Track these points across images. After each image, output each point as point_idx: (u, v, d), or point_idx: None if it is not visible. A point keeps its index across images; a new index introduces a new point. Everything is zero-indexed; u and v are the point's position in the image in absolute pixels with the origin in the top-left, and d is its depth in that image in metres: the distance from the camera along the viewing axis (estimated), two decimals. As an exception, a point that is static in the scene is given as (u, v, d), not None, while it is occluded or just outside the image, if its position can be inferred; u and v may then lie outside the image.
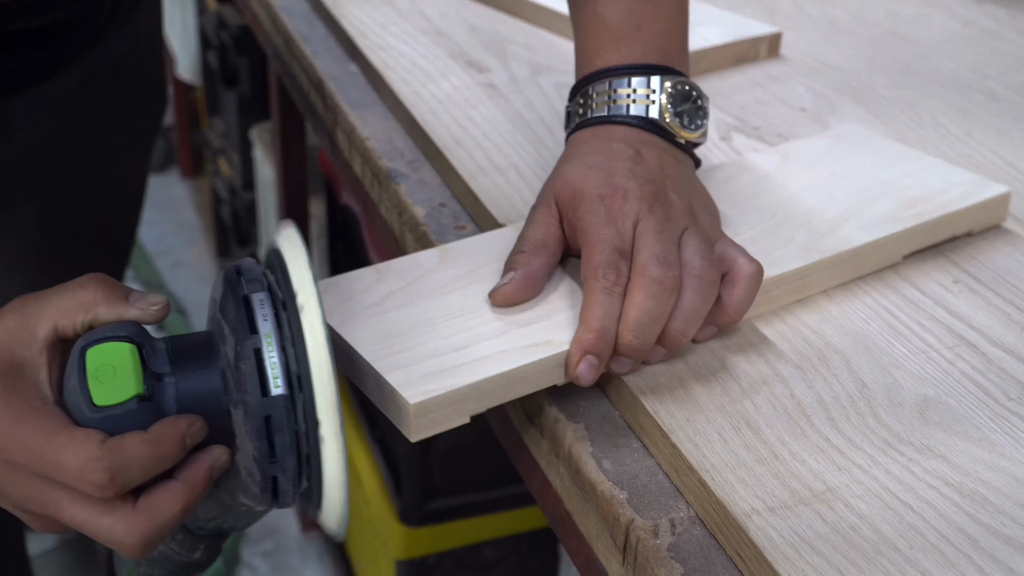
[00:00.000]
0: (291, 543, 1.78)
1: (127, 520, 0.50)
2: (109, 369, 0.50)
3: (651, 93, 0.64)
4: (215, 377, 0.51)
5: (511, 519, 1.45)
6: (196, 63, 2.43)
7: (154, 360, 0.52)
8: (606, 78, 0.65)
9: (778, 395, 0.56)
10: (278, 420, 0.49)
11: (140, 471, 0.49)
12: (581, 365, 0.55)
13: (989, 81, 0.94)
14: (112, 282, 0.54)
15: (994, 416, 0.55)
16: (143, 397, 0.50)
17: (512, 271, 0.59)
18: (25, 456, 0.50)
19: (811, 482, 0.50)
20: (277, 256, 0.53)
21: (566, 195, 0.60)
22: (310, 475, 0.51)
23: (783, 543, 0.47)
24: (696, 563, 0.49)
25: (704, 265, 0.57)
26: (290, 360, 0.49)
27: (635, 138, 0.63)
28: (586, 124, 0.65)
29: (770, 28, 0.98)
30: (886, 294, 0.65)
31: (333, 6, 1.04)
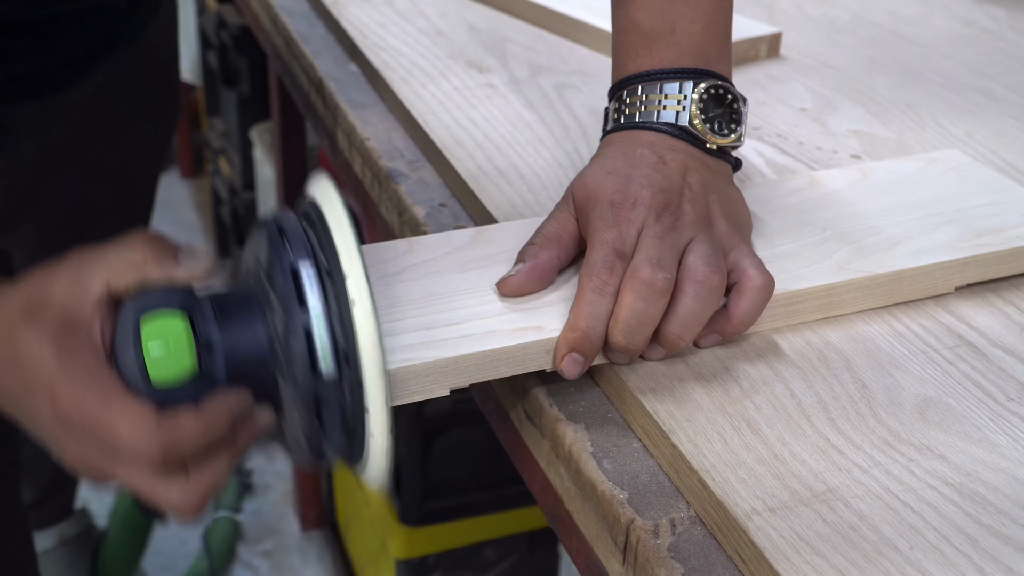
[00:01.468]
0: (291, 543, 1.78)
1: (181, 487, 0.52)
2: (164, 345, 0.52)
3: (682, 99, 0.63)
4: (263, 343, 0.53)
5: (511, 519, 1.45)
6: (196, 63, 2.42)
7: (203, 326, 0.53)
8: (637, 83, 0.65)
9: (778, 395, 0.56)
10: (326, 397, 0.51)
11: (191, 449, 0.51)
12: (565, 360, 0.56)
13: (989, 81, 0.94)
14: (161, 241, 0.56)
15: (994, 416, 0.55)
16: (196, 373, 0.52)
17: (521, 262, 0.59)
18: (81, 417, 0.51)
19: (811, 482, 0.51)
20: (319, 216, 0.53)
21: (582, 197, 0.60)
22: (355, 444, 0.52)
23: (783, 543, 0.47)
24: (696, 563, 0.49)
25: (707, 271, 0.56)
26: (338, 339, 0.51)
27: (662, 144, 0.63)
28: (618, 128, 0.65)
29: (770, 28, 0.98)
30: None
31: (333, 6, 1.04)
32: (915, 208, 0.68)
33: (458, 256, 0.62)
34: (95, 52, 0.87)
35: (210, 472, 0.53)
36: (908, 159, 0.74)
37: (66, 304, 0.53)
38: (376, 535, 1.49)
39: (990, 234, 0.65)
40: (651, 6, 0.66)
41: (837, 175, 0.72)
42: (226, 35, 2.04)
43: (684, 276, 0.56)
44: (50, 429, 0.53)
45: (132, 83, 0.93)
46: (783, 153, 0.81)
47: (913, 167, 0.73)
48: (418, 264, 0.61)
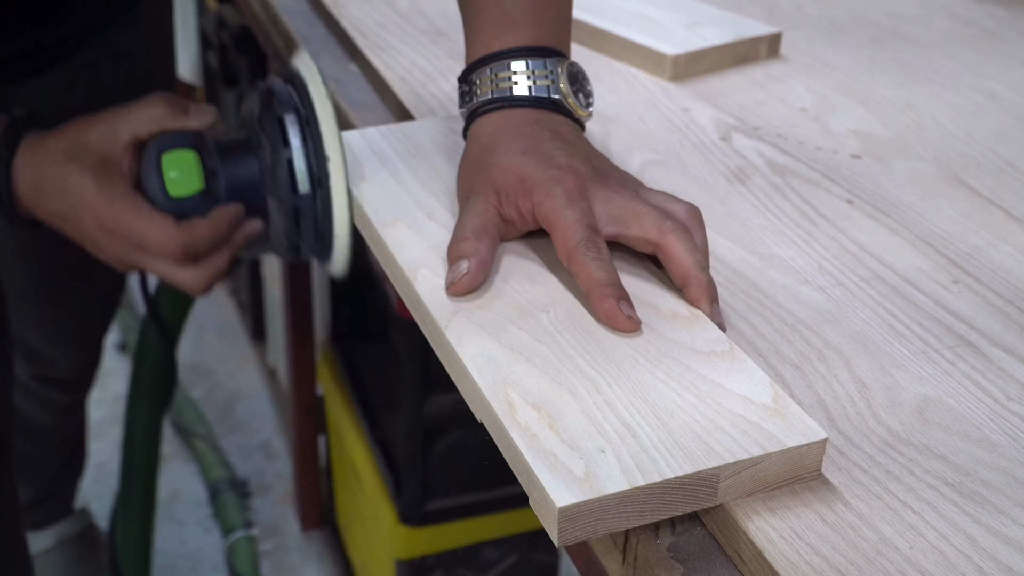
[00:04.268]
0: (291, 543, 1.78)
1: (195, 272, 0.71)
2: (179, 170, 0.70)
3: (549, 74, 0.67)
4: (254, 172, 0.71)
5: (511, 519, 1.45)
6: (196, 63, 2.42)
7: (209, 159, 0.71)
8: (506, 59, 0.67)
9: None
10: (304, 209, 0.69)
11: (203, 246, 0.70)
12: (624, 309, 0.56)
13: (989, 81, 0.94)
14: (176, 100, 0.72)
15: (994, 416, 0.55)
16: (204, 191, 0.70)
17: (464, 260, 0.60)
18: (118, 227, 0.69)
19: (811, 482, 0.50)
20: (300, 81, 0.70)
21: (510, 182, 0.62)
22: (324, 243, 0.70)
23: (783, 543, 0.47)
24: (696, 563, 0.49)
25: (684, 204, 0.62)
26: (313, 168, 0.68)
27: (544, 119, 0.66)
28: (488, 107, 0.67)
29: (770, 28, 0.98)
30: (886, 294, 0.65)
31: (333, 6, 1.04)
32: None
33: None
34: (89, 28, 0.87)
35: (215, 262, 0.71)
36: None
37: (101, 147, 0.70)
38: (376, 535, 1.49)
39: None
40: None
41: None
42: (226, 35, 2.04)
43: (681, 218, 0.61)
44: (92, 236, 0.71)
45: (126, 59, 0.93)
46: (783, 153, 0.81)
47: None
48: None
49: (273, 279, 1.85)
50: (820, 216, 0.73)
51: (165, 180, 0.70)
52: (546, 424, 0.50)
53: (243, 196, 0.71)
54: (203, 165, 0.71)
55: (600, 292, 0.57)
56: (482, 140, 0.66)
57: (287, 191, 0.68)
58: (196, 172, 0.70)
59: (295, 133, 0.68)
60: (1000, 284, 0.66)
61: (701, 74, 0.94)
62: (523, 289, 0.60)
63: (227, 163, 0.71)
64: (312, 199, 0.68)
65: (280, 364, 1.88)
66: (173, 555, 1.73)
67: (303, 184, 0.68)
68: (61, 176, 0.70)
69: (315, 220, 0.69)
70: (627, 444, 0.49)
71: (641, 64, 0.94)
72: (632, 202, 0.61)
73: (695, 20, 0.99)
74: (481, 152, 0.65)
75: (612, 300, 0.57)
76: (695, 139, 0.82)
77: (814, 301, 0.64)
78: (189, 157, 0.70)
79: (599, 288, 0.57)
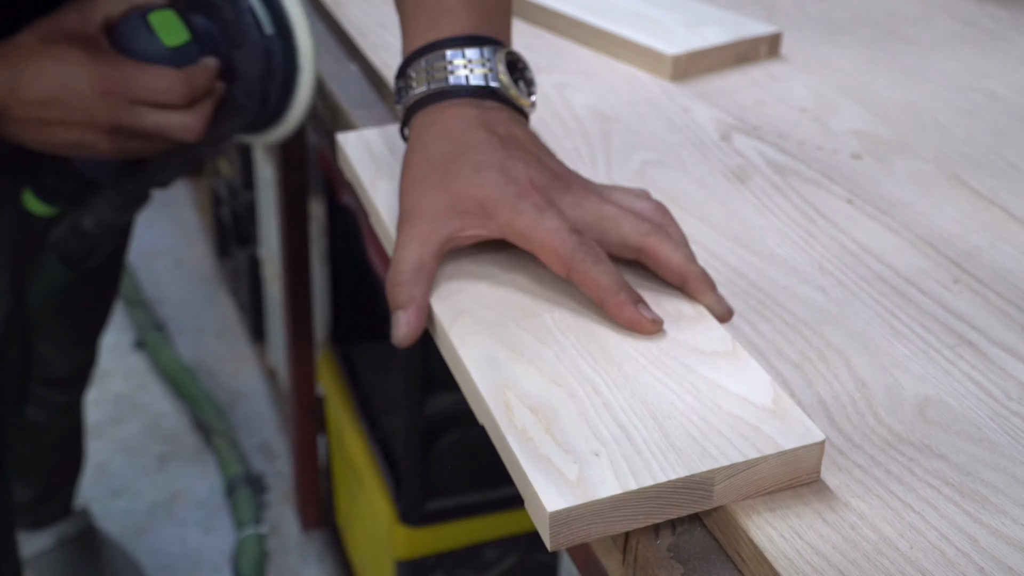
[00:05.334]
0: (291, 543, 1.78)
1: (194, 115, 0.78)
2: (167, 25, 0.79)
3: (486, 63, 0.64)
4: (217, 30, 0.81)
5: (511, 519, 1.45)
6: (196, 63, 2.42)
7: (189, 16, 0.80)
8: (441, 49, 0.64)
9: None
10: (273, 48, 0.78)
11: (203, 88, 0.78)
12: (645, 312, 0.56)
13: (989, 81, 0.94)
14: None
15: (994, 416, 0.55)
16: (192, 40, 0.80)
17: (400, 311, 0.58)
18: (122, 86, 0.75)
19: (811, 482, 0.50)
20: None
21: (468, 207, 0.59)
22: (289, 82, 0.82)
23: (783, 543, 0.47)
24: (696, 563, 0.49)
25: (651, 203, 0.61)
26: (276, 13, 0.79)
27: (488, 117, 0.63)
28: (426, 101, 0.64)
29: (770, 28, 0.98)
30: (886, 294, 0.65)
31: (333, 6, 1.04)
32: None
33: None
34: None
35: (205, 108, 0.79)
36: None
37: (78, 29, 0.76)
38: (376, 535, 1.49)
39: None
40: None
41: None
42: (226, 35, 2.04)
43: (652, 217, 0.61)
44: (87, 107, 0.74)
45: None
46: (783, 153, 0.81)
47: None
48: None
49: (273, 279, 1.85)
50: (820, 216, 0.73)
51: (159, 34, 0.78)
52: (543, 427, 0.50)
53: (217, 50, 0.81)
54: (186, 20, 0.80)
55: (614, 300, 0.56)
56: (424, 145, 0.63)
57: (256, 34, 0.79)
58: (181, 25, 0.79)
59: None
60: (1000, 284, 0.66)
61: (701, 74, 0.94)
62: (528, 288, 0.60)
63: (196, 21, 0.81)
64: (278, 38, 0.79)
65: (280, 364, 1.88)
66: (173, 555, 1.73)
67: (267, 25, 0.79)
68: (44, 60, 0.74)
69: (283, 59, 0.79)
70: (622, 447, 0.49)
71: (641, 64, 0.94)
72: (603, 207, 0.59)
73: (695, 20, 0.99)
74: (426, 162, 0.62)
75: (631, 306, 0.55)
76: (695, 139, 0.82)
77: (814, 301, 0.64)
78: (171, 15, 0.79)
79: (612, 296, 0.56)
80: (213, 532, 1.77)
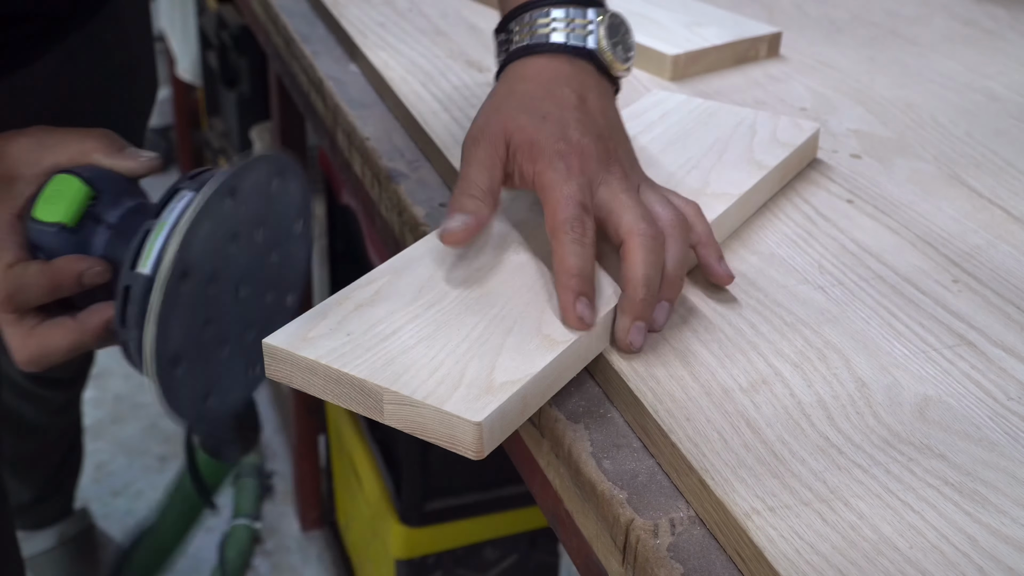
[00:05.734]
0: (291, 543, 1.78)
1: (21, 338, 0.59)
2: (59, 195, 0.59)
3: (588, 24, 0.66)
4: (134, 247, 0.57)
5: (511, 519, 1.45)
6: (196, 63, 2.42)
7: (107, 210, 0.60)
8: (546, 6, 0.66)
9: (778, 395, 0.56)
10: (135, 294, 0.56)
11: (36, 296, 0.58)
12: (578, 306, 0.57)
13: (989, 81, 0.94)
14: (115, 138, 0.63)
15: (994, 416, 0.55)
16: (66, 227, 0.59)
17: (463, 214, 0.60)
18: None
19: (811, 482, 0.50)
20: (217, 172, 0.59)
21: (521, 142, 0.61)
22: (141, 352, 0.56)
23: (783, 543, 0.47)
24: (696, 563, 0.49)
25: (676, 214, 0.61)
26: (166, 248, 0.55)
27: (577, 78, 0.65)
28: (525, 52, 0.66)
29: (770, 28, 0.98)
30: (886, 294, 0.65)
31: (333, 6, 1.04)
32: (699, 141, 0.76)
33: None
34: (62, 23, 0.86)
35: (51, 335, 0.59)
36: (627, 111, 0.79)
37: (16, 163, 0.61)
38: (376, 535, 1.49)
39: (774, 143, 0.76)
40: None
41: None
42: (226, 35, 2.04)
43: (663, 225, 0.60)
44: None
45: (103, 52, 0.93)
46: (783, 153, 0.81)
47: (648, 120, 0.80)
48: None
49: (273, 279, 1.85)
50: (820, 216, 0.73)
51: (37, 199, 0.60)
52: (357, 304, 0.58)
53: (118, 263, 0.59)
54: (93, 206, 0.60)
55: (565, 282, 0.57)
56: (512, 82, 0.65)
57: (128, 265, 0.57)
58: (71, 203, 0.60)
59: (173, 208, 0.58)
60: (1000, 284, 0.66)
61: (701, 74, 0.94)
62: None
63: (121, 222, 0.61)
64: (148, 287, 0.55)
65: (280, 364, 1.88)
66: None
67: (145, 262, 0.56)
68: None
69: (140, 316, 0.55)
70: (369, 342, 0.55)
71: (641, 64, 0.94)
72: (623, 193, 0.60)
73: (695, 20, 0.99)
74: (508, 94, 0.64)
75: (571, 294, 0.57)
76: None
77: (814, 300, 0.64)
78: (75, 185, 0.60)
79: (565, 277, 0.57)
80: (214, 532, 1.77)
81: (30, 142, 0.62)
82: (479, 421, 0.51)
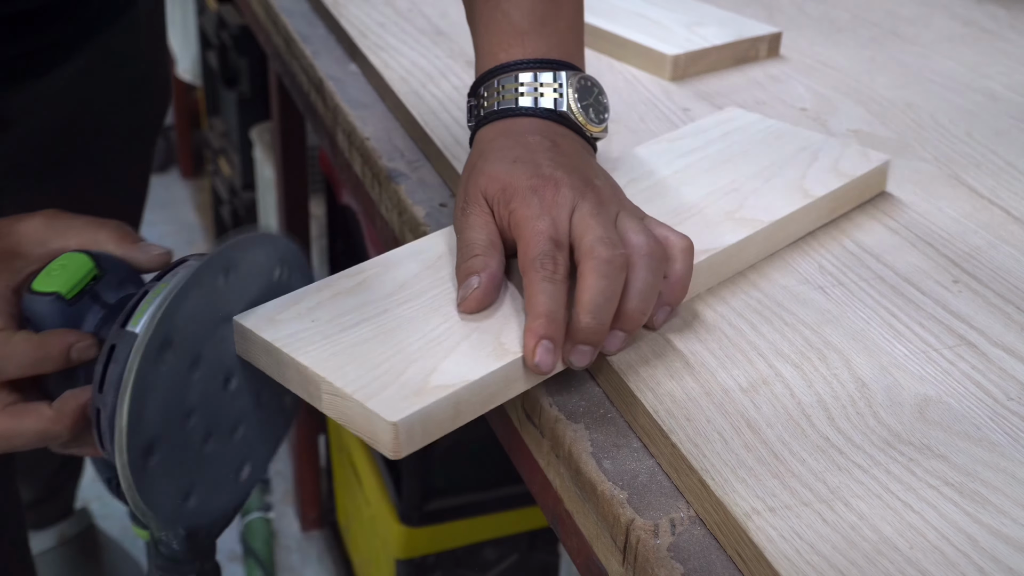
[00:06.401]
0: (291, 543, 1.78)
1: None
2: (62, 269, 0.58)
3: (558, 87, 0.65)
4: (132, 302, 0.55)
5: (511, 519, 1.45)
6: (196, 63, 2.43)
7: (107, 291, 0.58)
8: (513, 71, 0.66)
9: (778, 395, 0.56)
10: (119, 353, 0.53)
11: (18, 366, 0.55)
12: (538, 351, 0.55)
13: (989, 81, 0.94)
14: (128, 230, 0.62)
15: (994, 416, 0.55)
16: (62, 298, 0.56)
17: (475, 275, 0.58)
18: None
19: (811, 482, 0.50)
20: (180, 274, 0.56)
21: (495, 191, 0.60)
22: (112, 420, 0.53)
23: (783, 543, 0.47)
24: (696, 563, 0.49)
25: (650, 243, 0.58)
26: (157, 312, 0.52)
27: (548, 130, 0.64)
28: (494, 117, 0.66)
29: (770, 28, 0.98)
30: (885, 293, 0.65)
31: (333, 6, 1.04)
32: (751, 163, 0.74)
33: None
34: (81, 33, 0.87)
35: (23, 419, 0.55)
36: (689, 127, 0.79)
37: (22, 240, 0.59)
38: (376, 535, 1.49)
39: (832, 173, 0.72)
40: (522, 1, 0.67)
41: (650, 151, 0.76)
42: (226, 35, 2.04)
43: (632, 253, 0.57)
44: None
45: (119, 63, 0.93)
46: (783, 153, 0.81)
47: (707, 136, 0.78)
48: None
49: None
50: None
51: (40, 272, 0.58)
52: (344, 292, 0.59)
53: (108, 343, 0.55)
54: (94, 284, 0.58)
55: (530, 323, 0.55)
56: (481, 146, 0.65)
57: (119, 322, 0.54)
58: (72, 276, 0.58)
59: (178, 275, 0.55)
60: (1000, 284, 0.66)
61: (701, 74, 0.94)
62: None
63: (119, 303, 0.59)
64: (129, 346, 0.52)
65: (280, 364, 1.88)
66: (173, 555, 1.73)
67: (137, 321, 0.53)
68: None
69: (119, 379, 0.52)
70: (332, 334, 0.56)
71: (641, 64, 0.94)
72: (591, 216, 0.58)
73: (695, 20, 0.99)
74: (480, 155, 0.64)
75: (534, 337, 0.55)
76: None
77: (814, 300, 0.64)
78: (80, 260, 0.58)
79: (531, 318, 0.55)
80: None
81: (41, 223, 0.60)
82: (395, 421, 0.51)
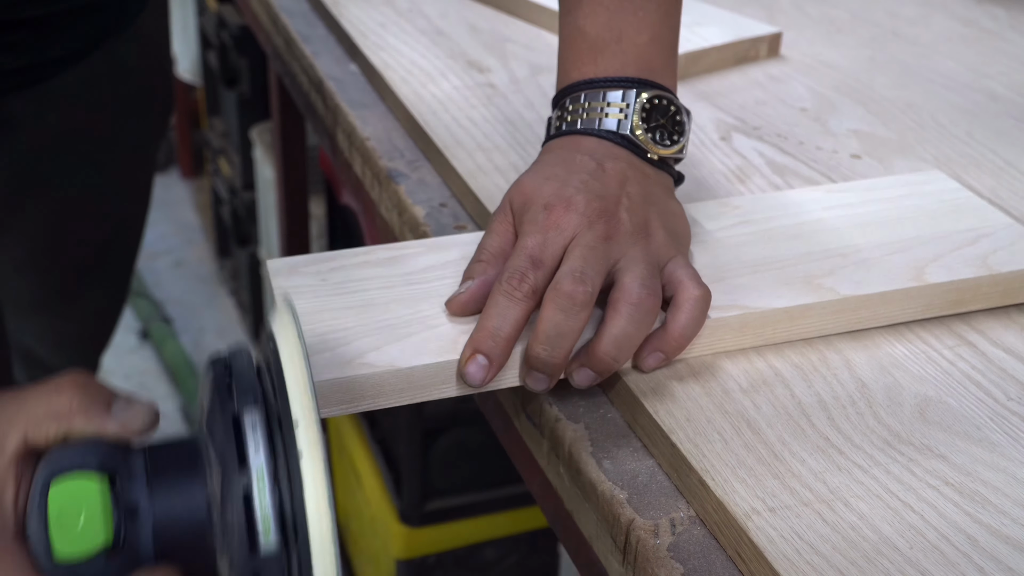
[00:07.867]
0: (291, 543, 1.78)
1: None
2: (74, 512, 0.43)
3: (624, 107, 0.62)
4: (200, 509, 0.44)
5: (511, 519, 1.45)
6: (196, 63, 2.43)
7: (129, 488, 0.44)
8: (581, 90, 0.64)
9: (778, 395, 0.56)
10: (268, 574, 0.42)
11: None
12: (469, 363, 0.54)
13: (989, 81, 0.94)
14: (93, 387, 0.47)
15: (994, 416, 0.55)
16: (112, 547, 0.43)
17: (469, 280, 0.58)
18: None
19: (811, 482, 0.51)
20: (275, 356, 0.45)
21: (519, 202, 0.60)
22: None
23: (783, 543, 0.47)
24: (696, 563, 0.49)
25: (642, 293, 0.55)
26: (284, 503, 0.42)
27: (601, 151, 0.62)
28: (559, 135, 0.64)
29: (770, 28, 0.98)
30: (886, 294, 0.64)
31: (333, 6, 1.04)
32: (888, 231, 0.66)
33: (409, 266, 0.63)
34: (89, 41, 0.87)
35: None
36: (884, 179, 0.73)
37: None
38: (376, 535, 1.49)
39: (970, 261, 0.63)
40: (598, 15, 0.65)
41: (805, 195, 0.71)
42: (226, 35, 2.04)
43: (619, 297, 0.55)
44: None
45: (125, 70, 0.93)
46: (783, 153, 0.81)
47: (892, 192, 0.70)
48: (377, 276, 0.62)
49: (273, 279, 1.85)
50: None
51: (50, 529, 0.43)
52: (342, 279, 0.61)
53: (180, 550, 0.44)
54: (116, 499, 0.44)
55: (474, 334, 0.55)
56: (540, 159, 0.63)
57: (243, 548, 0.42)
58: (100, 515, 0.43)
59: (258, 444, 0.43)
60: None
61: (701, 74, 0.94)
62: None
63: (158, 492, 0.45)
64: (284, 560, 0.42)
65: (280, 364, 1.88)
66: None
67: (267, 535, 0.42)
68: None
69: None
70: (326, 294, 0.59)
71: (641, 64, 0.94)
72: (585, 247, 0.56)
73: (695, 20, 0.99)
74: (529, 167, 0.63)
75: (470, 348, 0.54)
76: (695, 139, 0.82)
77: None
78: (92, 490, 0.43)
79: (476, 329, 0.55)
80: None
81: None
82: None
